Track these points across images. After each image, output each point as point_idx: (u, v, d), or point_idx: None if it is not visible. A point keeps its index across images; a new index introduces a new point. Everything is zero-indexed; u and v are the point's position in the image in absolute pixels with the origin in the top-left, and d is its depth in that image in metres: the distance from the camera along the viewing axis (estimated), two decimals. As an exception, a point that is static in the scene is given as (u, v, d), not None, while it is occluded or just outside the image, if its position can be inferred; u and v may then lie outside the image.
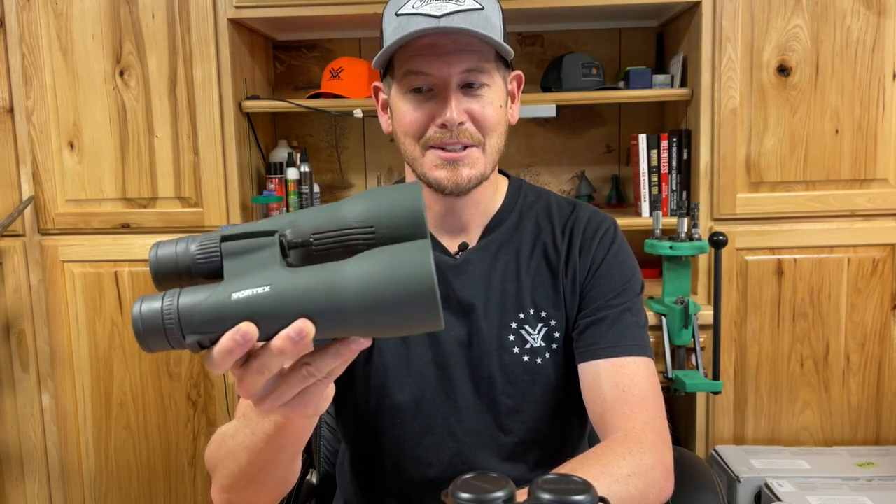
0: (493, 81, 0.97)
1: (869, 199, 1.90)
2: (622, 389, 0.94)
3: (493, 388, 1.01)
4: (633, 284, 1.03)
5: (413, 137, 0.97)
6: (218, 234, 0.55)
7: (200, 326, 0.52)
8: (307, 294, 0.51)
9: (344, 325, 0.51)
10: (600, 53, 2.21)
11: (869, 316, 1.93)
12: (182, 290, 0.53)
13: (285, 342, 0.50)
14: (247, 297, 0.51)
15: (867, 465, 1.80)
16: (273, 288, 0.51)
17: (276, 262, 0.53)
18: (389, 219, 0.54)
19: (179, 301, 0.52)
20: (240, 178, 1.99)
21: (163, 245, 0.56)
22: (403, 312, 0.50)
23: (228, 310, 0.51)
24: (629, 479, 0.82)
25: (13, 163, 1.98)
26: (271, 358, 0.52)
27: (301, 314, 0.51)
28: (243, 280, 0.52)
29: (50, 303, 2.02)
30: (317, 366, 0.54)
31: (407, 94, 0.96)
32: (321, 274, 0.51)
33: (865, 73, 1.86)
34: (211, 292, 0.52)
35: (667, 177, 2.02)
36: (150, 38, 1.92)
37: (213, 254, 0.54)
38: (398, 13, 0.93)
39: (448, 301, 1.02)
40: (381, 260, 0.51)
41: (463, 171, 0.96)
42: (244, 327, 0.50)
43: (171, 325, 0.52)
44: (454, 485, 0.59)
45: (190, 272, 0.55)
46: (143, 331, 0.52)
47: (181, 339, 0.52)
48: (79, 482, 2.09)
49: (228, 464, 0.79)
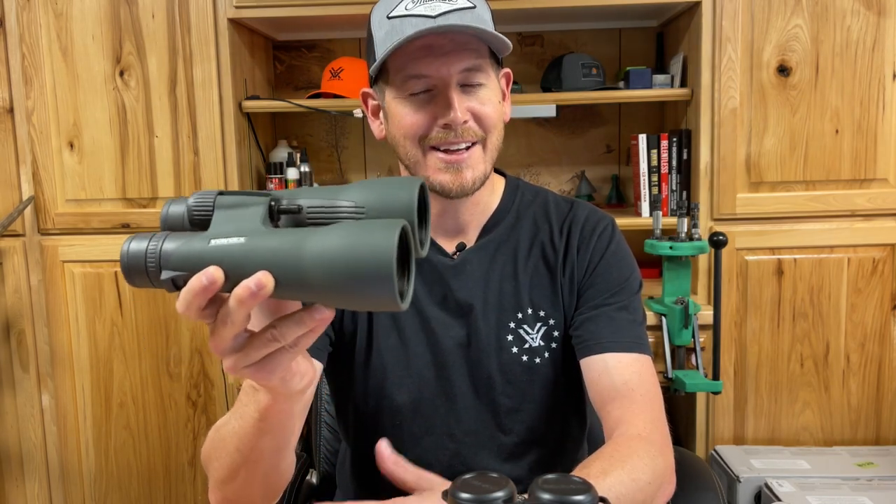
0: (489, 79, 0.96)
1: (869, 199, 1.90)
2: (631, 387, 0.93)
3: (492, 388, 1.01)
4: (632, 282, 1.03)
5: (414, 140, 0.96)
6: (216, 191, 0.58)
7: (177, 265, 0.55)
8: (274, 251, 0.52)
9: (304, 291, 0.53)
10: (600, 53, 2.21)
11: (869, 316, 1.93)
12: (169, 234, 0.57)
13: (244, 291, 0.52)
14: (221, 245, 0.54)
15: (867, 465, 1.80)
16: (247, 240, 0.53)
17: (258, 219, 0.55)
18: (381, 205, 0.57)
19: (163, 244, 0.55)
20: (240, 178, 1.99)
21: (174, 203, 0.59)
22: (358, 288, 0.51)
23: (201, 253, 0.54)
24: (649, 487, 0.82)
25: (13, 163, 1.98)
26: (233, 307, 0.53)
27: (265, 269, 0.52)
28: (224, 229, 0.55)
29: (50, 303, 2.02)
30: (281, 330, 0.55)
31: (406, 97, 0.95)
32: (292, 237, 0.53)
33: (865, 73, 1.86)
34: (193, 236, 0.55)
35: (667, 177, 2.02)
36: (150, 38, 1.92)
37: (207, 204, 0.57)
38: (390, 16, 0.92)
39: (446, 301, 1.02)
40: (348, 232, 0.52)
41: (466, 174, 0.96)
42: (210, 270, 0.52)
43: (152, 263, 0.55)
44: (454, 485, 0.59)
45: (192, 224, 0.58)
46: (127, 267, 0.56)
47: (159, 276, 0.55)
48: (79, 482, 2.09)
49: (220, 454, 0.80)
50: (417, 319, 1.02)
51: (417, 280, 1.02)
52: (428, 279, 1.02)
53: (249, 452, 0.76)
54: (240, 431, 0.76)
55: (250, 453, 0.77)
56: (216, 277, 0.52)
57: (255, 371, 0.58)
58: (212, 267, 0.53)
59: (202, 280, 0.52)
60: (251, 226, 0.55)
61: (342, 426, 1.12)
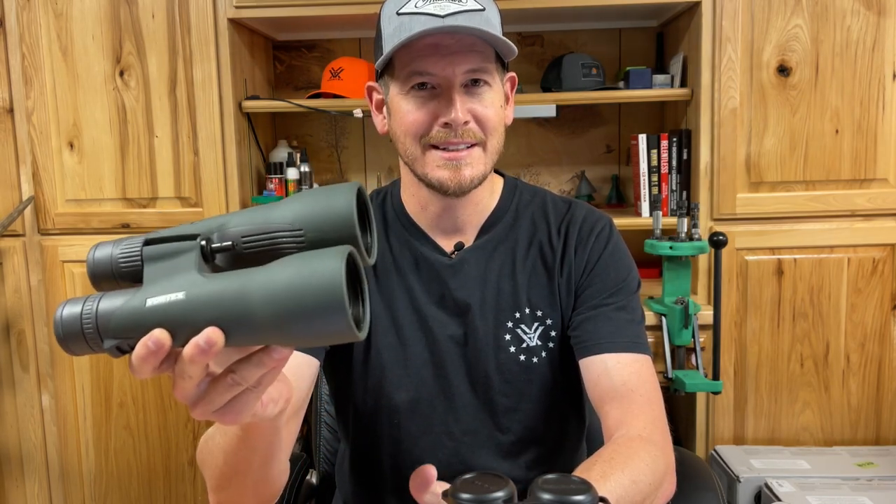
0: (494, 82, 0.97)
1: (869, 199, 1.90)
2: (630, 388, 0.94)
3: (489, 387, 1.01)
4: (630, 282, 1.03)
5: (414, 137, 0.96)
6: (142, 238, 0.55)
7: (117, 332, 0.52)
8: (218, 302, 0.50)
9: (256, 335, 0.50)
10: (600, 53, 2.21)
11: (869, 316, 1.93)
12: (104, 294, 0.53)
13: (194, 350, 0.50)
14: (160, 304, 0.51)
15: (867, 465, 1.80)
16: (187, 295, 0.51)
17: (193, 268, 0.52)
18: (319, 222, 0.53)
19: (98, 306, 0.52)
20: (240, 178, 1.99)
21: (101, 246, 0.56)
22: (311, 322, 0.48)
23: (143, 316, 0.51)
24: (649, 488, 0.83)
25: (13, 163, 1.98)
26: (186, 365, 0.51)
27: (212, 322, 0.50)
28: (160, 286, 0.52)
29: (50, 303, 2.02)
30: (241, 374, 0.54)
31: (409, 94, 0.95)
32: (233, 281, 0.51)
33: (865, 73, 1.86)
34: (129, 297, 0.52)
35: (667, 177, 2.02)
36: (150, 38, 1.92)
37: (135, 258, 0.54)
38: (399, 12, 0.93)
39: (444, 300, 1.02)
40: (292, 267, 0.49)
41: (465, 172, 0.96)
42: (156, 334, 0.50)
43: (90, 329, 0.52)
44: (454, 485, 0.59)
45: (120, 276, 0.55)
46: (63, 335, 0.53)
47: (100, 343, 0.52)
48: (79, 482, 2.09)
49: (210, 464, 0.80)
50: (415, 318, 1.02)
51: (416, 279, 1.03)
52: (426, 278, 1.03)
53: (237, 465, 0.76)
54: (225, 447, 0.75)
55: (238, 466, 0.77)
56: (162, 341, 0.50)
57: (223, 415, 0.56)
58: (157, 330, 0.50)
59: (149, 346, 0.50)
60: (187, 278, 0.52)
61: (342, 425, 1.12)
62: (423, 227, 1.05)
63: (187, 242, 0.53)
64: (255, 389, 0.55)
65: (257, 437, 0.72)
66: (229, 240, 0.54)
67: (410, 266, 1.03)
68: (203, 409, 0.55)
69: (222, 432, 0.76)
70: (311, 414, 1.36)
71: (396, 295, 1.03)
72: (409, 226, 1.05)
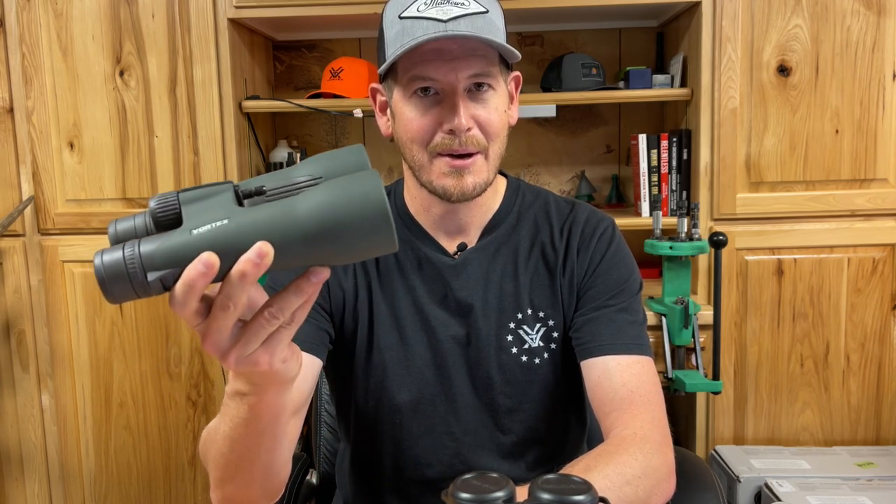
0: (497, 85, 0.96)
1: (869, 199, 1.90)
2: (630, 389, 0.94)
3: (491, 387, 1.01)
4: (632, 284, 1.03)
5: (420, 144, 0.96)
6: (174, 191, 0.56)
7: (163, 263, 0.52)
8: (266, 222, 0.52)
9: (303, 251, 0.52)
10: (600, 53, 2.21)
11: (869, 316, 1.93)
12: (142, 238, 0.54)
13: (247, 265, 0.50)
14: (207, 231, 0.52)
15: (867, 465, 1.80)
16: (231, 220, 0.52)
17: (231, 203, 0.54)
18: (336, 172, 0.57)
19: (140, 246, 0.53)
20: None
21: (120, 221, 0.57)
22: (358, 232, 0.52)
23: (190, 244, 0.52)
24: (639, 482, 0.82)
25: (13, 163, 1.98)
26: (235, 286, 0.51)
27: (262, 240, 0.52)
28: (202, 218, 0.53)
29: (50, 303, 2.02)
30: (279, 305, 0.55)
31: (412, 98, 0.95)
32: (276, 206, 0.53)
33: (865, 73, 1.86)
34: (172, 233, 0.53)
35: (667, 177, 2.02)
36: (150, 38, 1.92)
37: (171, 203, 0.55)
38: (401, 16, 0.92)
39: (446, 301, 1.02)
40: (334, 186, 0.53)
41: (468, 180, 0.96)
42: (206, 256, 0.50)
43: (134, 268, 0.52)
44: (454, 485, 0.59)
45: (157, 228, 0.55)
46: (106, 278, 0.52)
47: (144, 279, 0.52)
48: (79, 482, 2.09)
49: (216, 456, 0.80)
50: (418, 318, 1.02)
51: (419, 279, 1.03)
52: (429, 278, 1.03)
53: (244, 452, 0.76)
54: (232, 434, 0.75)
55: (245, 453, 0.76)
56: (212, 262, 0.50)
57: (258, 356, 0.56)
58: (205, 252, 0.51)
59: (199, 267, 0.50)
60: (228, 209, 0.53)
61: (342, 425, 1.12)
62: (426, 227, 1.05)
63: (221, 185, 0.56)
64: (288, 326, 0.57)
65: (264, 416, 0.71)
66: (256, 186, 0.56)
67: (413, 266, 1.04)
68: (238, 354, 0.56)
69: (227, 420, 0.75)
70: (311, 414, 1.36)
71: (399, 294, 1.03)
72: (412, 226, 1.05)
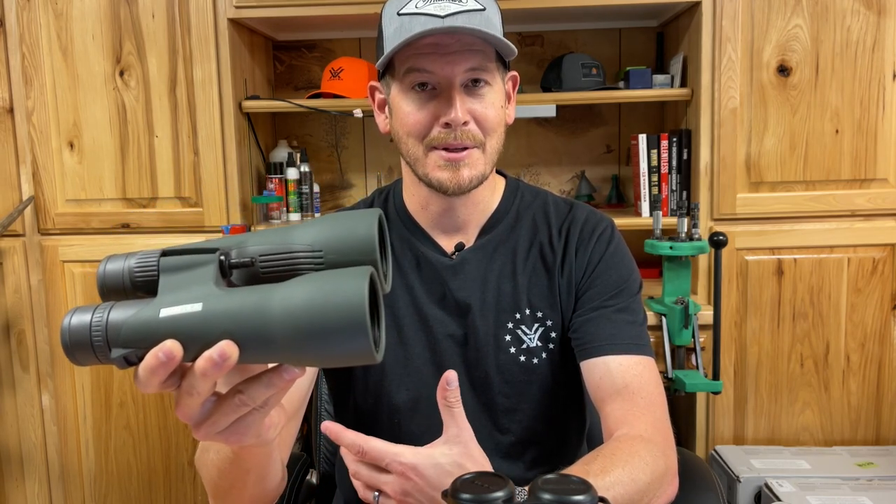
0: (494, 81, 0.97)
1: (869, 199, 1.90)
2: (631, 390, 0.93)
3: (489, 387, 1.01)
4: (631, 284, 1.03)
5: (416, 138, 0.97)
6: (159, 250, 0.54)
7: (127, 341, 0.50)
8: (235, 316, 0.49)
9: (271, 351, 0.49)
10: (600, 53, 2.21)
11: (869, 316, 1.93)
12: (115, 303, 0.52)
13: (207, 363, 0.48)
14: (175, 315, 0.49)
15: (867, 465, 1.80)
16: (204, 307, 0.49)
17: (210, 281, 0.51)
18: (339, 245, 0.53)
19: (109, 315, 0.51)
20: (240, 178, 1.99)
21: (112, 259, 0.55)
22: (330, 342, 0.47)
23: (155, 326, 0.50)
24: (649, 487, 0.83)
25: (13, 163, 1.98)
26: (196, 379, 0.50)
27: (227, 336, 0.49)
28: (175, 296, 0.50)
29: (50, 303, 2.02)
30: (249, 394, 0.52)
31: (409, 93, 0.96)
32: (252, 296, 0.49)
33: (865, 73, 1.86)
34: (142, 307, 0.51)
35: (667, 177, 2.02)
36: (150, 38, 1.92)
37: (151, 268, 0.53)
38: (400, 12, 0.93)
39: (444, 300, 1.02)
40: (313, 285, 0.48)
41: (464, 172, 0.96)
42: (168, 345, 0.49)
43: (99, 339, 0.50)
44: (454, 485, 0.59)
45: (134, 287, 0.53)
46: (70, 344, 0.51)
47: (107, 353, 0.50)
48: (79, 482, 2.09)
49: (206, 476, 0.81)
50: (416, 318, 1.02)
51: (417, 278, 1.03)
52: (427, 278, 1.03)
53: (232, 482, 0.77)
54: (219, 464, 0.75)
55: (233, 482, 0.77)
56: (174, 353, 0.48)
57: (228, 436, 0.55)
58: (168, 341, 0.48)
59: (159, 356, 0.48)
60: (204, 290, 0.50)
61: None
62: (425, 226, 1.05)
63: (206, 255, 0.52)
64: (260, 410, 0.54)
65: (249, 460, 0.72)
66: (248, 256, 0.53)
67: (411, 265, 1.04)
68: (207, 430, 0.54)
69: (215, 450, 0.75)
70: (311, 414, 1.36)
71: (397, 294, 1.03)
72: (411, 225, 1.05)
